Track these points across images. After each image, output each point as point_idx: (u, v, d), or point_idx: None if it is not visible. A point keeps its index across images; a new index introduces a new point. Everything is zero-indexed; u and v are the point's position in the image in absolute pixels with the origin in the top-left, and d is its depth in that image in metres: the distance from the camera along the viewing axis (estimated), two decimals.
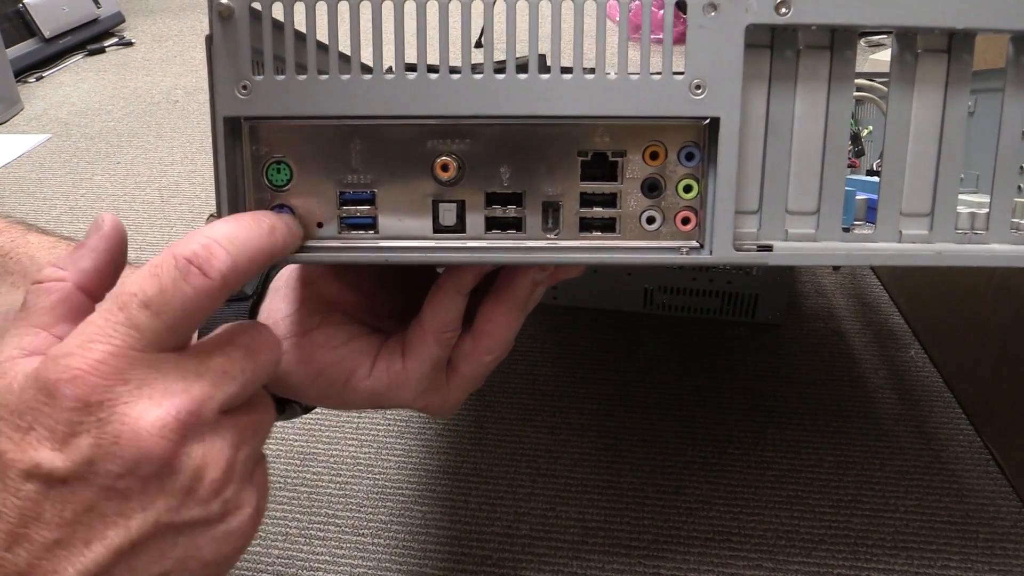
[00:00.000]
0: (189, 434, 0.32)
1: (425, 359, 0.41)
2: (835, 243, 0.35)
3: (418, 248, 0.36)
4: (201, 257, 0.32)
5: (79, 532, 0.30)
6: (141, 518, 0.31)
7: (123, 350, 0.31)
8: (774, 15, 0.32)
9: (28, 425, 0.30)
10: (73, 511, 0.30)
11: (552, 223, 0.36)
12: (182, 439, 0.31)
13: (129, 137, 1.46)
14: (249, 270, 0.33)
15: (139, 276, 0.32)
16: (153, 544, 0.32)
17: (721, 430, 0.73)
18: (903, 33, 0.34)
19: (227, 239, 0.32)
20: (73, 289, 0.34)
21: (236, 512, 0.34)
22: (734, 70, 0.33)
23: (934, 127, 0.34)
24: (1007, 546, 0.62)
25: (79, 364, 0.30)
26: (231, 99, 0.34)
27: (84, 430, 0.30)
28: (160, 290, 0.31)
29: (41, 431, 0.30)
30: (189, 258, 0.31)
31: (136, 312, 0.31)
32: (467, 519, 0.65)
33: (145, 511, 0.31)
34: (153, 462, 0.31)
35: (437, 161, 0.35)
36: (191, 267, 0.31)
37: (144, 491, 0.31)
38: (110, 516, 0.31)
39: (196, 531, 0.33)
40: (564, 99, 0.34)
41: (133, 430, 0.30)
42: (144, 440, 0.30)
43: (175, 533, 0.32)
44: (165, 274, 0.31)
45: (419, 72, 0.34)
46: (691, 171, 0.35)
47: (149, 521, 0.31)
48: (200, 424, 0.32)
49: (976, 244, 0.35)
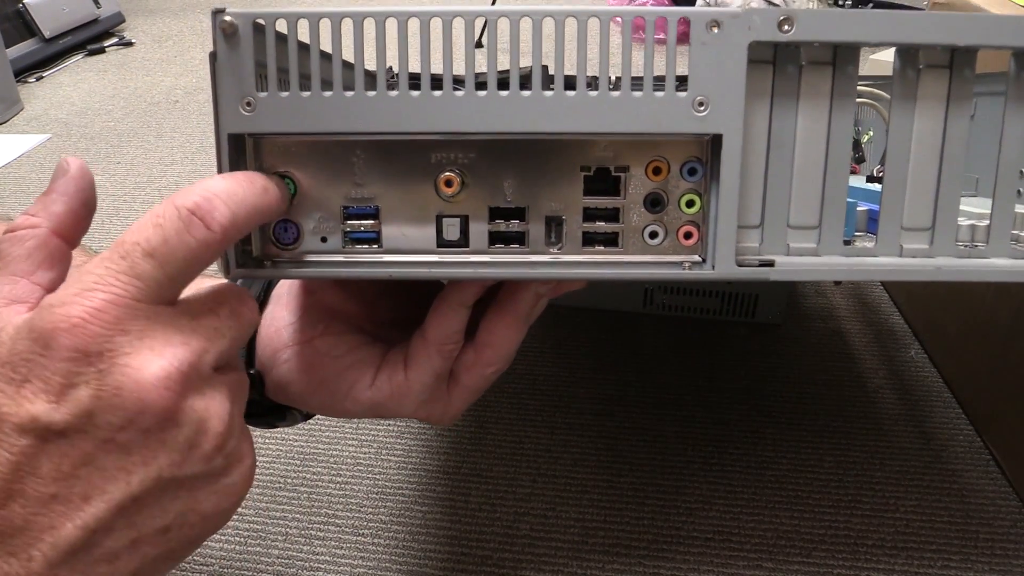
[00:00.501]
0: (190, 387, 0.31)
1: (427, 370, 0.41)
2: (837, 258, 0.35)
3: (421, 263, 0.36)
4: (204, 209, 0.31)
5: (77, 487, 0.30)
6: (143, 472, 0.30)
7: (124, 299, 0.30)
8: (777, 32, 0.32)
9: (23, 377, 0.29)
10: (71, 465, 0.29)
11: (555, 237, 0.36)
12: (184, 391, 0.31)
13: (129, 137, 1.45)
14: (246, 226, 0.33)
15: (141, 225, 0.31)
16: (154, 499, 0.31)
17: (721, 430, 0.74)
18: (905, 49, 0.34)
19: (226, 193, 0.32)
20: (48, 234, 0.33)
21: (237, 465, 0.34)
22: (737, 87, 0.33)
23: (935, 142, 0.34)
24: (1007, 546, 0.62)
25: (78, 312, 0.29)
26: (235, 116, 0.34)
27: (83, 381, 0.29)
28: (164, 240, 0.30)
29: (37, 383, 0.29)
30: (192, 209, 0.31)
31: (139, 261, 0.30)
32: (467, 519, 0.65)
33: (147, 465, 0.31)
34: (156, 414, 0.30)
35: (441, 177, 0.35)
36: (194, 218, 0.31)
37: (146, 444, 0.30)
38: (110, 470, 0.30)
39: (197, 485, 0.33)
40: (567, 116, 0.34)
41: (136, 381, 0.29)
42: (147, 391, 0.30)
43: (176, 487, 0.32)
44: (168, 224, 0.31)
45: (423, 89, 0.34)
46: (693, 186, 0.35)
47: (151, 476, 0.31)
48: (199, 378, 0.32)
49: (976, 259, 0.36)
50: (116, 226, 1.15)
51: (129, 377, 0.29)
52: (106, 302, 0.30)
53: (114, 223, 1.16)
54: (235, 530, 0.64)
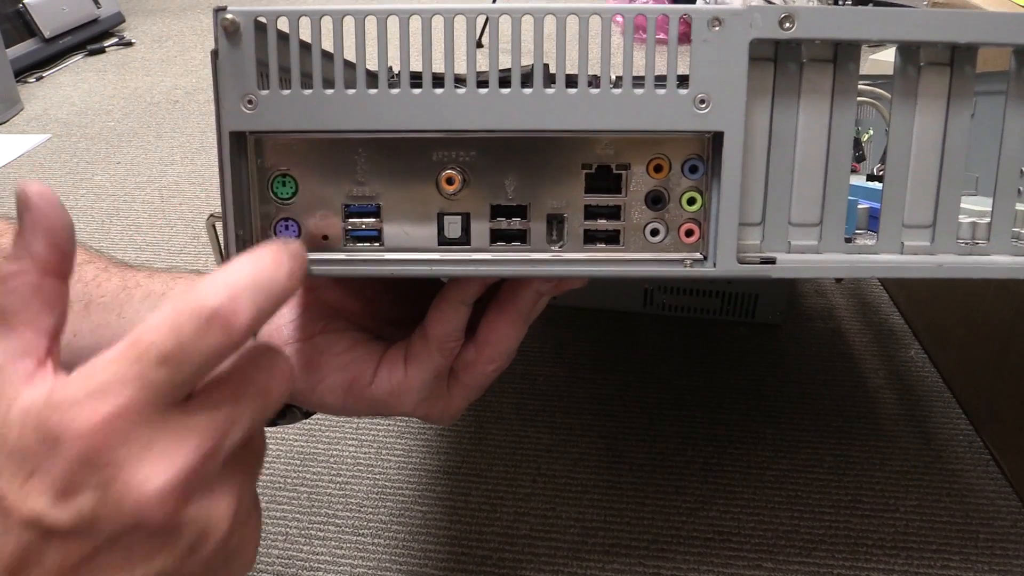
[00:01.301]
0: (194, 493, 0.31)
1: (427, 368, 0.41)
2: (838, 255, 0.35)
3: (423, 261, 0.36)
4: (225, 312, 0.30)
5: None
6: (144, 568, 0.31)
7: (134, 405, 0.29)
8: (778, 30, 0.32)
9: (29, 472, 0.29)
10: (78, 557, 0.30)
11: (556, 235, 0.36)
12: (187, 499, 0.31)
13: (129, 137, 1.46)
14: (269, 316, 0.31)
15: (159, 323, 0.30)
16: None
17: (721, 430, 0.74)
18: (906, 47, 0.34)
19: (252, 288, 0.30)
20: (40, 278, 0.32)
21: (239, 556, 0.34)
22: (738, 84, 0.33)
23: (936, 140, 0.34)
24: (1007, 546, 0.62)
25: (88, 418, 0.29)
26: (237, 114, 0.34)
27: (87, 488, 0.29)
28: (179, 345, 0.29)
29: (43, 479, 0.29)
30: (212, 314, 0.30)
31: (152, 367, 0.29)
32: (467, 519, 0.65)
33: (150, 562, 0.31)
34: (157, 525, 0.30)
35: (442, 175, 0.35)
36: (214, 323, 0.30)
37: (149, 544, 0.30)
38: (114, 565, 0.30)
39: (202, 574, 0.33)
40: (569, 114, 0.34)
41: (136, 498, 0.29)
42: (145, 506, 0.29)
43: None
44: (186, 328, 0.29)
45: (424, 87, 0.34)
46: (695, 184, 0.35)
47: (153, 571, 0.31)
48: (206, 480, 0.31)
49: (977, 256, 0.36)
50: (116, 226, 1.15)
51: (130, 490, 0.29)
52: (117, 407, 0.29)
53: (114, 223, 1.16)
54: None
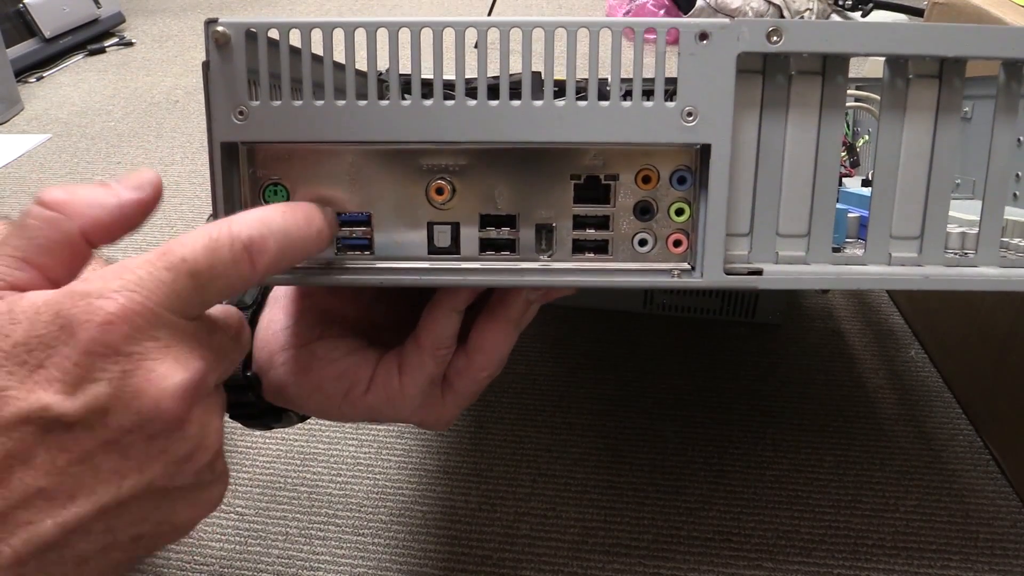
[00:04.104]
0: (199, 401, 0.32)
1: (421, 375, 0.41)
2: (825, 266, 0.35)
3: (413, 270, 0.36)
4: (256, 247, 0.32)
5: (67, 483, 0.29)
6: (135, 478, 0.30)
7: (158, 308, 0.30)
8: (766, 44, 0.32)
9: (38, 362, 0.28)
10: (67, 460, 0.29)
11: (545, 244, 0.36)
12: (194, 405, 0.31)
13: (129, 137, 1.46)
14: (288, 266, 0.33)
15: (194, 241, 0.31)
16: (138, 506, 0.31)
17: (721, 430, 0.74)
18: (894, 59, 0.34)
19: (282, 235, 0.32)
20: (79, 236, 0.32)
21: (219, 482, 0.35)
22: (726, 97, 0.33)
23: (924, 152, 0.34)
24: (1007, 546, 0.62)
25: (113, 309, 0.29)
26: (228, 124, 0.34)
27: (105, 377, 0.29)
28: (210, 266, 0.31)
29: (53, 371, 0.28)
30: (247, 244, 0.31)
31: (182, 278, 0.30)
32: (467, 519, 0.65)
33: (141, 472, 0.30)
34: (166, 422, 0.30)
35: (432, 185, 0.36)
36: (245, 255, 0.31)
37: (146, 451, 0.30)
38: (104, 471, 0.29)
39: (180, 496, 0.33)
40: (558, 126, 0.34)
41: (157, 387, 0.29)
42: (165, 399, 0.30)
43: (161, 497, 0.32)
44: (220, 252, 0.31)
45: (413, 98, 0.34)
46: (683, 195, 0.35)
47: (143, 482, 0.30)
48: (207, 393, 0.32)
49: (965, 268, 0.36)
50: None
51: (152, 383, 0.29)
52: (143, 306, 0.29)
53: None
54: (235, 530, 0.64)
